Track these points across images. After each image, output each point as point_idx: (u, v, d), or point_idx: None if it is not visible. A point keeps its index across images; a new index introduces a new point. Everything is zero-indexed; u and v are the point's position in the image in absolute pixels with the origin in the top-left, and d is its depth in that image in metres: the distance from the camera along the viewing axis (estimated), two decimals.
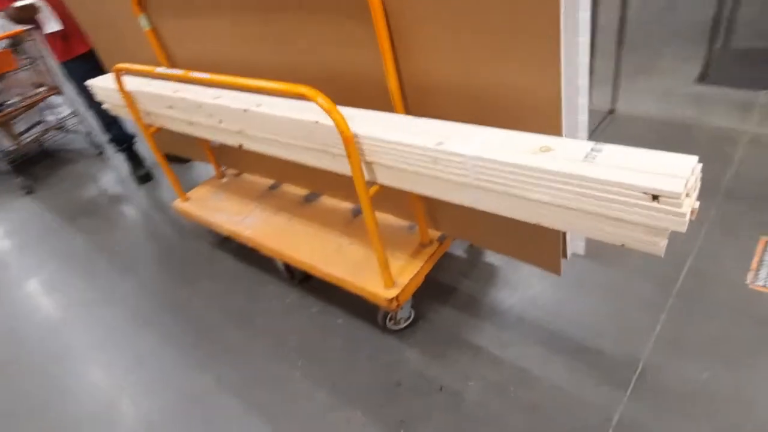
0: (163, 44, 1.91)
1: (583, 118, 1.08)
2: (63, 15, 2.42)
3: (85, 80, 2.59)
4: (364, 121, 1.18)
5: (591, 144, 0.91)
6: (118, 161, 3.37)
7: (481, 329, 1.64)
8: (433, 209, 1.56)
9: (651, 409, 1.33)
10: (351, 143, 1.15)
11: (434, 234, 1.63)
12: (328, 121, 1.22)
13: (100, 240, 2.64)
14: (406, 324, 1.67)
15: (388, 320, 1.64)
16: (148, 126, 1.96)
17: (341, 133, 1.14)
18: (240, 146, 1.61)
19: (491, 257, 1.94)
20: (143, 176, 3.03)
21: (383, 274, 1.46)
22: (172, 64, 1.95)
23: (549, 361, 1.50)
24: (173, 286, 2.18)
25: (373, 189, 1.27)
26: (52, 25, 2.38)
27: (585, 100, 1.03)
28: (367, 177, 1.26)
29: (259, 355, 1.75)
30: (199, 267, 2.24)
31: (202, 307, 2.01)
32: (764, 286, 1.57)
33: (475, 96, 1.15)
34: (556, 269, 1.35)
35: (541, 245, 1.34)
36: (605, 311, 1.62)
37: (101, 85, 2.05)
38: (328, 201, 1.95)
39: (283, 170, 2.08)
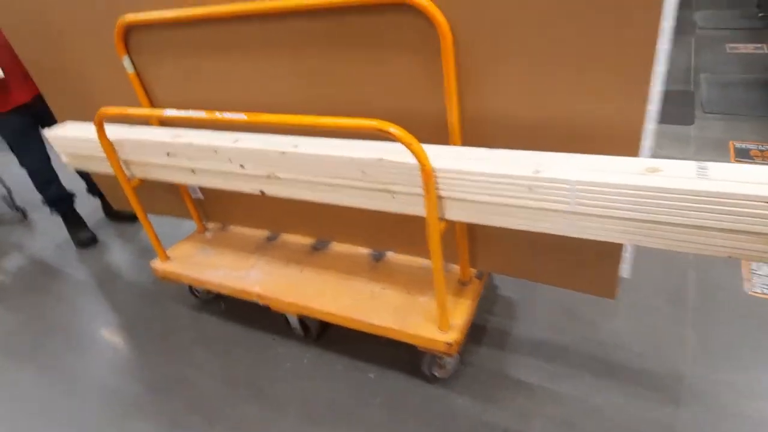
0: (147, 88, 1.74)
1: (649, 144, 1.14)
2: (7, 61, 2.11)
3: (23, 134, 2.27)
4: (438, 155, 1.14)
5: (694, 162, 0.95)
6: (50, 224, 2.93)
7: (526, 365, 1.60)
8: (473, 245, 1.52)
9: (707, 417, 1.37)
10: (431, 178, 1.10)
11: (470, 272, 1.59)
12: (394, 157, 1.16)
13: (44, 319, 2.22)
14: (454, 370, 1.58)
15: (434, 368, 1.54)
16: (129, 179, 1.73)
17: (422, 167, 1.09)
18: (261, 193, 1.47)
19: (506, 290, 1.93)
20: (87, 239, 2.64)
21: (441, 318, 1.37)
22: (159, 105, 1.77)
23: (603, 389, 1.50)
24: (159, 362, 1.87)
25: (443, 226, 1.21)
26: None
27: (652, 126, 1.10)
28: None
29: (288, 429, 1.53)
30: (184, 335, 1.96)
31: (203, 382, 1.74)
32: (762, 293, 1.73)
33: (543, 126, 1.17)
34: (610, 293, 1.38)
35: (595, 271, 1.36)
36: (636, 330, 1.67)
37: (67, 135, 1.78)
38: (339, 248, 1.84)
39: (280, 219, 1.93)
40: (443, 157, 1.13)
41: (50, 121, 2.34)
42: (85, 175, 2.67)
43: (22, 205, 3.09)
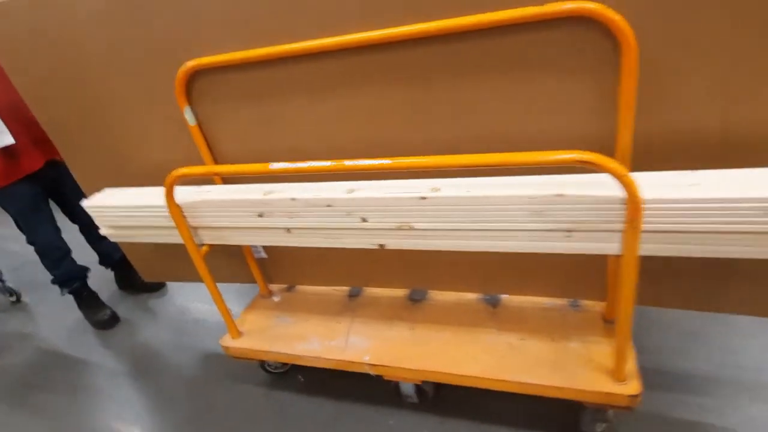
0: (210, 141, 1.50)
1: None
2: (19, 123, 1.82)
3: (33, 207, 1.96)
4: (642, 184, 0.99)
5: None
6: (53, 306, 2.54)
7: (675, 401, 1.44)
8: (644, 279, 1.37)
9: None
10: (639, 211, 0.94)
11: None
12: (576, 191, 1.00)
13: (80, 423, 1.85)
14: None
15: (597, 425, 1.35)
16: (199, 247, 1.47)
17: (631, 200, 0.93)
18: (381, 246, 1.27)
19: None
20: (107, 319, 2.29)
21: (618, 367, 1.20)
22: (221, 161, 1.53)
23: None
24: None
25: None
26: (1, 140, 1.75)
27: None
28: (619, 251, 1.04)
29: None
30: (266, 421, 1.67)
31: None
32: None
33: (734, 140, 1.04)
34: None
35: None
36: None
37: (111, 203, 1.51)
38: (441, 297, 1.64)
39: (362, 271, 1.72)
40: (649, 185, 0.98)
41: (63, 188, 2.05)
42: (99, 246, 2.35)
43: (13, 287, 2.68)
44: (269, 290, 1.84)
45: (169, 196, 1.34)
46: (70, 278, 2.24)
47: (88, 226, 2.26)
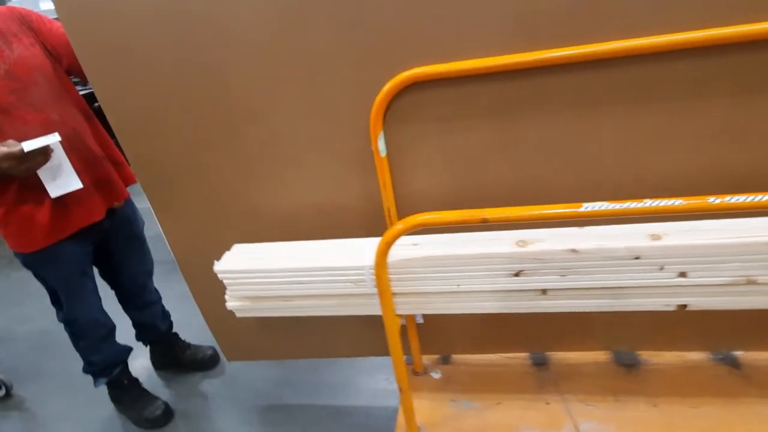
0: (395, 176, 1.15)
1: None
2: (77, 156, 1.33)
3: (80, 272, 1.48)
4: None
5: None
6: (71, 402, 1.93)
7: None
8: None
9: None
10: None
11: None
12: None
13: None
14: None
15: None
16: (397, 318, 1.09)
17: None
18: (681, 307, 0.97)
19: None
20: (161, 414, 1.73)
21: None
22: (401, 205, 1.18)
23: None
24: None
25: None
26: (65, 182, 1.25)
27: None
28: None
29: None
30: None
31: None
32: None
33: None
34: None
35: None
36: None
37: (253, 267, 1.09)
38: (655, 358, 1.35)
39: (544, 333, 1.40)
40: None
41: (113, 243, 1.57)
42: (142, 315, 1.82)
43: (5, 379, 2.02)
44: (424, 366, 1.45)
45: (383, 254, 0.97)
46: (112, 364, 1.69)
47: (135, 291, 1.75)
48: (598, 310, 1.00)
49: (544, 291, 1.01)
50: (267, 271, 1.09)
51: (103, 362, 1.67)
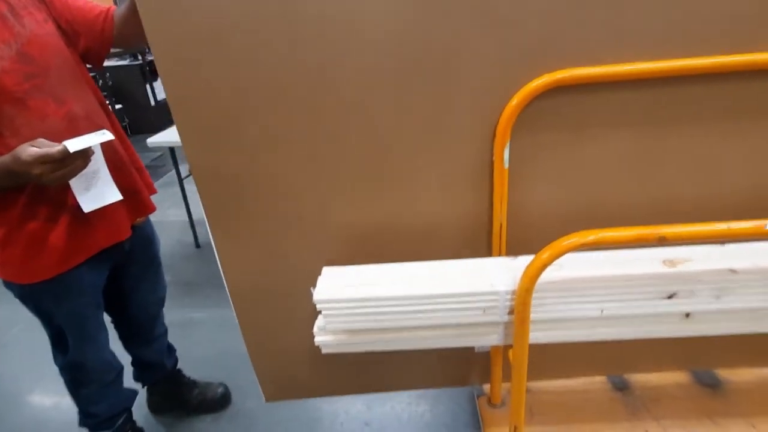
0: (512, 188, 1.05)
1: None
2: (117, 168, 1.09)
3: (93, 305, 1.23)
4: None
5: None
6: None
7: None
8: None
9: None
10: None
11: None
12: None
13: None
14: None
15: None
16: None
17: None
18: None
19: None
20: None
21: None
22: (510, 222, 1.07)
23: None
24: None
25: None
26: (101, 193, 1.00)
27: None
28: None
29: None
30: None
31: None
32: None
33: None
34: None
35: None
36: None
37: (377, 293, 0.93)
38: (735, 377, 1.33)
39: (619, 354, 1.35)
40: None
41: (129, 269, 1.33)
42: (147, 352, 1.55)
43: None
44: (488, 398, 1.33)
45: (534, 277, 0.85)
46: (118, 412, 1.40)
47: (144, 324, 1.48)
48: (748, 332, 0.95)
49: (687, 314, 0.94)
50: (380, 299, 0.93)
51: (108, 411, 1.38)
